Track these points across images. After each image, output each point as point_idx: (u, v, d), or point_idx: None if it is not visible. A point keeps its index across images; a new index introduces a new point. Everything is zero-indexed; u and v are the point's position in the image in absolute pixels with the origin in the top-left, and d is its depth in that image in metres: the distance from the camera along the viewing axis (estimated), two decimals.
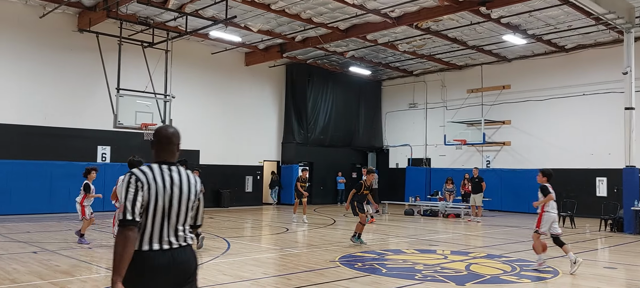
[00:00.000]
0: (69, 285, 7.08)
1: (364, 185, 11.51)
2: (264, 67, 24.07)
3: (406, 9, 16.96)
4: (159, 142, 3.21)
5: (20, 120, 17.13)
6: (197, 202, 3.28)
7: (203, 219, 3.42)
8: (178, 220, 3.10)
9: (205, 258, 9.46)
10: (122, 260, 2.87)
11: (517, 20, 17.73)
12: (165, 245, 3.03)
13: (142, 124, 16.97)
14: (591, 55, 20.54)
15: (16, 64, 17.15)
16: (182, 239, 3.11)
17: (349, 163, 27.31)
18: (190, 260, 3.13)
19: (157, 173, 3.08)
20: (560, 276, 8.32)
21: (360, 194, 11.46)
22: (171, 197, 3.07)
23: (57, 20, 17.81)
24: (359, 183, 11.66)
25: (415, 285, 7.48)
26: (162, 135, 3.22)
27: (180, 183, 3.14)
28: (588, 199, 19.66)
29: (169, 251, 3.03)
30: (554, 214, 9.02)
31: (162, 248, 3.01)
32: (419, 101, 26.50)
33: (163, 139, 3.21)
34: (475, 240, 13.13)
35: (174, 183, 3.11)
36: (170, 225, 3.07)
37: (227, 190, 22.32)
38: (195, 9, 16.88)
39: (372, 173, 11.91)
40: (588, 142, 20.44)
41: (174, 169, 3.17)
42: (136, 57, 18.62)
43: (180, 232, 3.11)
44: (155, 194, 3.02)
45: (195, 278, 3.16)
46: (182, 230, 3.14)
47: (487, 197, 20.93)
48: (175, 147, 3.24)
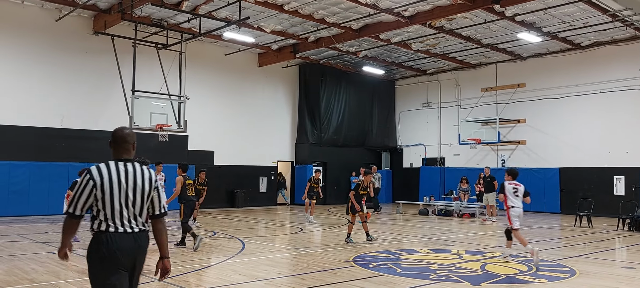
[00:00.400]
0: (86, 284, 7.15)
1: (361, 185, 11.76)
2: (277, 68, 24.14)
3: (419, 8, 16.89)
4: (116, 141, 3.74)
5: (38, 122, 17.38)
6: (153, 193, 3.74)
7: (164, 208, 3.85)
8: (135, 208, 3.63)
9: (220, 258, 9.52)
10: (66, 236, 3.63)
11: (532, 18, 17.55)
12: (128, 228, 3.58)
13: (157, 125, 17.14)
14: (607, 53, 20.27)
15: (33, 67, 17.41)
16: (141, 224, 3.66)
17: (363, 163, 27.17)
18: (146, 244, 3.69)
19: (112, 169, 3.62)
20: (577, 276, 8.22)
21: (358, 195, 11.71)
22: (126, 189, 3.60)
23: (73, 23, 18.04)
24: (357, 184, 11.96)
25: (429, 285, 7.45)
26: (118, 135, 3.74)
27: (135, 176, 3.66)
28: (605, 198, 19.42)
29: (132, 234, 3.58)
30: (519, 209, 9.65)
31: (126, 231, 3.56)
32: (432, 100, 26.37)
33: (119, 139, 3.74)
34: (491, 240, 13.04)
35: (129, 176, 3.63)
36: (130, 211, 3.60)
37: (241, 191, 22.42)
38: (209, 11, 16.99)
39: (370, 174, 12.14)
40: (605, 140, 20.18)
41: (129, 165, 3.70)
42: (151, 58, 18.80)
43: (139, 218, 3.65)
44: (109, 186, 3.55)
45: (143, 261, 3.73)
46: (141, 216, 3.67)
47: None
48: (130, 146, 3.77)
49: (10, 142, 16.89)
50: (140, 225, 3.65)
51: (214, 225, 15.41)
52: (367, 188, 11.99)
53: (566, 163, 21.33)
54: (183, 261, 9.12)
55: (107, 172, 3.60)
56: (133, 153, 3.80)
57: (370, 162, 27.57)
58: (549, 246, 11.91)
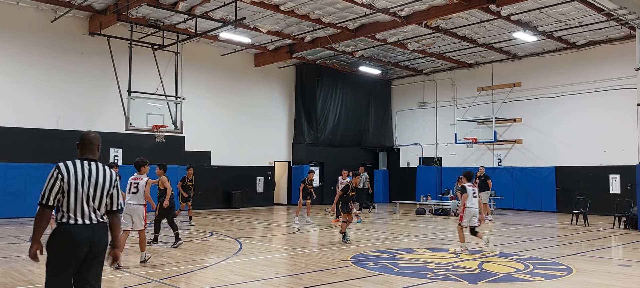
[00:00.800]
0: None
1: (351, 187, 11.94)
2: (274, 68, 24.13)
3: (415, 8, 16.92)
4: (82, 143, 4.23)
5: (34, 123, 17.32)
6: (112, 190, 4.21)
7: (121, 205, 4.32)
8: (95, 203, 4.08)
9: (217, 259, 9.52)
10: (38, 229, 3.97)
11: (528, 17, 17.61)
12: (87, 220, 4.00)
13: (153, 125, 17.09)
14: (603, 52, 20.35)
15: (28, 68, 17.35)
16: (100, 217, 4.10)
17: (359, 163, 27.16)
18: (104, 236, 4.09)
19: (78, 167, 4.09)
20: (574, 274, 8.26)
21: (346, 196, 11.93)
22: (89, 185, 4.06)
23: (68, 24, 17.99)
24: (346, 185, 12.10)
25: (427, 284, 7.47)
26: (85, 138, 4.26)
27: (97, 175, 4.14)
28: (601, 197, 19.50)
29: (90, 225, 4.01)
30: (474, 209, 10.35)
31: (84, 223, 3.99)
32: (429, 100, 26.42)
33: (85, 141, 4.25)
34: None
35: (92, 174, 4.11)
36: (90, 206, 4.04)
37: (238, 191, 22.40)
38: (205, 11, 16.97)
39: (358, 175, 12.38)
40: (600, 139, 20.27)
41: (92, 164, 4.17)
42: (147, 59, 18.77)
43: (98, 212, 4.09)
44: (74, 181, 4.01)
45: (103, 254, 4.11)
46: (100, 210, 4.12)
47: (499, 195, 20.84)
48: (95, 147, 4.26)
49: (6, 144, 16.83)
50: (98, 218, 4.09)
51: (210, 225, 15.40)
52: (356, 189, 12.25)
53: (562, 162, 21.41)
54: (180, 262, 9.11)
55: (73, 169, 4.06)
56: (97, 154, 4.27)
57: (367, 161, 27.68)
58: (545, 244, 11.96)
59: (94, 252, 4.03)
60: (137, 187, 8.92)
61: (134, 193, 8.91)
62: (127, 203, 8.85)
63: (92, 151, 4.25)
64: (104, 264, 4.21)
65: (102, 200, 4.14)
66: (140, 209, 8.89)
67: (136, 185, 8.92)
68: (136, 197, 8.90)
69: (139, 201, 8.91)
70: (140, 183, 8.93)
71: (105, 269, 8.50)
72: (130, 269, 8.37)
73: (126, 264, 8.89)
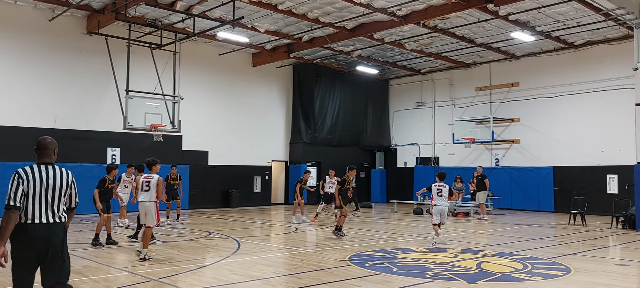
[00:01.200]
0: (81, 285, 7.13)
1: (347, 180, 12.80)
2: (272, 68, 24.11)
3: (413, 8, 16.93)
4: (39, 148, 4.52)
5: (31, 123, 17.25)
6: (69, 191, 4.55)
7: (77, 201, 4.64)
8: (53, 203, 4.37)
9: (215, 258, 9.50)
10: (6, 230, 4.14)
11: (526, 17, 17.63)
12: (44, 219, 4.30)
13: (151, 125, 17.07)
14: (601, 52, 20.39)
15: (26, 67, 17.30)
16: (57, 217, 4.38)
17: (357, 162, 27.22)
18: (61, 234, 4.38)
19: (36, 171, 4.37)
20: (572, 273, 8.27)
21: (344, 189, 12.77)
22: (46, 187, 4.35)
23: (66, 23, 17.94)
24: (343, 179, 12.84)
25: (426, 283, 7.47)
26: (41, 143, 4.54)
27: (54, 177, 4.42)
28: (599, 197, 19.54)
29: (46, 224, 4.31)
30: (441, 207, 11.43)
31: (41, 222, 4.29)
32: (426, 100, 26.43)
33: (42, 146, 4.53)
34: (485, 238, 13.07)
35: (49, 177, 4.39)
36: (48, 206, 4.34)
37: (235, 191, 22.38)
38: (203, 10, 16.94)
39: (353, 169, 13.15)
40: (598, 139, 20.30)
41: (49, 167, 4.46)
42: (145, 58, 18.74)
43: (56, 212, 4.38)
44: (33, 184, 4.30)
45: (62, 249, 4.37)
46: (57, 210, 4.39)
47: (497, 195, 20.86)
48: (51, 152, 4.54)
49: (4, 143, 16.77)
50: (56, 218, 4.38)
51: (209, 225, 15.38)
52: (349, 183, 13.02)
53: (560, 162, 21.44)
54: (179, 261, 9.09)
55: (31, 173, 4.36)
56: (54, 158, 4.57)
57: (364, 161, 27.70)
58: (543, 244, 11.97)
59: (53, 249, 4.31)
60: (149, 185, 9.33)
61: (146, 191, 9.33)
62: (140, 201, 9.35)
63: (48, 155, 4.54)
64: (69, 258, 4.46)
65: (60, 201, 4.45)
66: (152, 206, 9.25)
67: (148, 183, 9.34)
68: (148, 194, 9.31)
69: (151, 198, 9.29)
70: (151, 181, 9.33)
71: (102, 266, 8.53)
72: (129, 268, 8.35)
73: (125, 263, 8.87)
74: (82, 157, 18.14)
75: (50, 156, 4.55)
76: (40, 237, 4.26)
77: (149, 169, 9.53)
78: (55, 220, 4.37)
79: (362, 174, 27.23)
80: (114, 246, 10.72)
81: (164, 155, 19.55)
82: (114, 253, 9.97)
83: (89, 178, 17.77)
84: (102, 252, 10.13)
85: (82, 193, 18.58)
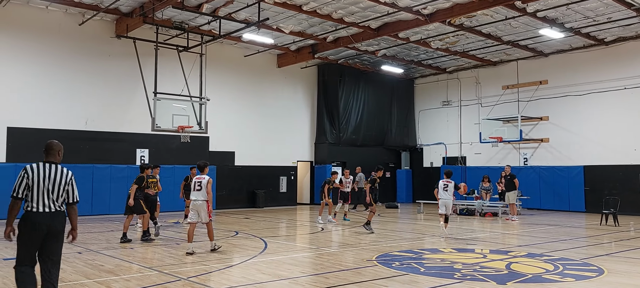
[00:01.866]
0: (113, 283, 7.28)
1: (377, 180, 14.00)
2: (296, 68, 24.20)
3: (438, 6, 16.78)
4: (46, 149, 5.47)
5: (63, 125, 17.70)
6: (67, 187, 5.40)
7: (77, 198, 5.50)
8: (54, 196, 5.28)
9: (243, 258, 9.59)
10: (10, 215, 5.20)
11: (554, 14, 17.31)
12: (46, 208, 5.23)
13: (178, 126, 17.31)
14: (632, 48, 19.89)
15: (57, 70, 17.74)
16: (56, 206, 5.30)
17: (382, 162, 27.16)
18: (61, 222, 5.32)
19: (41, 168, 5.30)
20: (606, 274, 8.08)
21: (374, 187, 13.89)
22: (47, 182, 5.26)
23: (96, 27, 18.34)
24: (373, 178, 14.04)
25: (455, 284, 7.39)
26: (48, 145, 5.49)
27: (55, 174, 5.34)
28: (631, 196, 19.09)
29: (49, 213, 5.23)
30: (445, 200, 12.86)
31: (44, 211, 5.21)
32: (452, 99, 26.17)
33: (48, 147, 5.48)
34: (515, 239, 12.88)
35: (51, 174, 5.31)
36: (49, 198, 5.25)
37: (262, 191, 22.54)
38: (229, 12, 17.11)
39: (381, 169, 14.32)
40: (630, 137, 19.80)
41: (52, 166, 5.38)
42: (172, 61, 19.03)
43: (56, 203, 5.30)
44: (37, 179, 5.23)
45: (62, 236, 5.35)
46: (57, 202, 5.30)
47: (526, 195, 20.52)
48: (56, 153, 5.49)
49: (36, 145, 17.21)
50: (56, 207, 5.29)
51: (236, 225, 15.52)
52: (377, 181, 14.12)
53: (591, 161, 20.98)
54: (207, 260, 9.21)
55: (36, 169, 5.26)
56: (59, 158, 5.49)
57: (389, 161, 27.56)
58: (575, 245, 11.73)
59: (53, 233, 5.24)
60: (201, 185, 9.95)
61: (198, 191, 9.95)
62: (193, 200, 9.98)
63: (53, 155, 5.47)
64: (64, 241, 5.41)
65: (59, 195, 5.32)
66: (204, 204, 9.91)
67: (200, 184, 9.97)
68: (200, 194, 9.93)
69: (203, 197, 9.91)
70: (203, 182, 9.96)
71: (133, 266, 8.70)
72: (159, 267, 8.49)
73: (155, 263, 9.02)
74: (113, 158, 18.53)
75: (54, 156, 5.48)
76: (41, 222, 5.18)
77: (201, 171, 10.22)
78: (57, 209, 5.31)
79: (387, 174, 27.13)
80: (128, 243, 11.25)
81: (191, 156, 19.86)
82: (144, 253, 10.15)
83: (119, 179, 18.22)
84: (132, 251, 10.32)
85: (113, 193, 19.16)
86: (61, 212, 5.34)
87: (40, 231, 5.17)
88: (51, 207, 5.25)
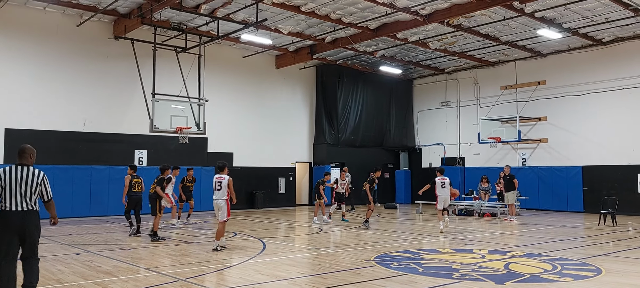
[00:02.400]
0: (111, 284, 7.27)
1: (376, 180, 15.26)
2: (295, 69, 24.20)
3: (437, 6, 16.78)
4: (19, 153, 6.02)
5: (61, 126, 17.69)
6: (39, 187, 5.92)
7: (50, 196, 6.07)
8: (26, 195, 5.80)
9: (241, 258, 9.58)
10: None
11: (552, 14, 17.33)
12: (19, 207, 5.75)
13: (177, 127, 17.30)
14: (630, 48, 19.91)
15: (55, 72, 17.72)
16: (30, 206, 5.83)
17: (381, 163, 27.17)
18: (34, 220, 5.86)
19: (13, 170, 5.83)
20: (604, 274, 8.09)
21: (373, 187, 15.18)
22: (20, 183, 5.79)
23: (94, 29, 18.32)
24: (371, 178, 15.30)
25: (453, 284, 7.39)
26: (20, 149, 6.04)
27: (27, 175, 5.85)
28: (629, 196, 19.11)
29: (21, 212, 5.76)
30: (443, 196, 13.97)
31: (17, 209, 5.75)
32: (451, 99, 26.18)
33: (20, 151, 6.03)
34: (513, 239, 12.88)
35: (23, 175, 5.84)
36: (22, 197, 5.78)
37: (260, 192, 22.53)
38: (227, 13, 17.10)
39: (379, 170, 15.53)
40: (628, 137, 19.82)
41: (25, 168, 5.91)
42: (170, 62, 19.02)
43: (28, 202, 5.82)
44: (9, 180, 5.77)
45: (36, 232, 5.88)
46: (30, 201, 5.83)
47: (524, 195, 20.52)
48: (28, 156, 6.01)
49: (34, 146, 17.03)
50: (29, 206, 5.81)
51: (234, 225, 15.50)
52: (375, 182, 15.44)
53: (589, 161, 21.00)
54: (205, 261, 9.19)
55: (9, 172, 5.81)
56: (31, 160, 6.02)
57: (388, 162, 27.55)
58: (573, 245, 11.73)
59: (28, 231, 5.79)
60: (221, 185, 10.37)
61: (218, 190, 10.37)
62: (214, 199, 10.42)
63: (25, 158, 5.99)
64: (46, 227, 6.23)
65: (31, 194, 5.83)
66: (224, 203, 10.31)
67: (219, 183, 10.40)
68: (220, 193, 10.35)
69: (223, 196, 10.30)
70: (223, 182, 10.37)
71: (131, 267, 8.68)
72: (157, 268, 8.48)
73: (153, 264, 9.00)
74: (111, 160, 18.50)
75: (27, 159, 6.00)
76: (15, 221, 5.71)
77: (221, 171, 10.58)
78: (29, 208, 5.83)
79: (386, 175, 27.14)
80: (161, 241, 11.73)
81: (190, 157, 19.86)
82: (143, 254, 10.13)
83: (117, 180, 18.19)
84: (130, 253, 10.30)
85: (111, 195, 19.19)
86: (34, 211, 5.87)
87: (14, 227, 5.71)
88: (24, 207, 5.78)
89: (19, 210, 5.72)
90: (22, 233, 5.74)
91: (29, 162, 5.96)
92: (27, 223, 5.75)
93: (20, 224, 5.71)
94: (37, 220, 5.89)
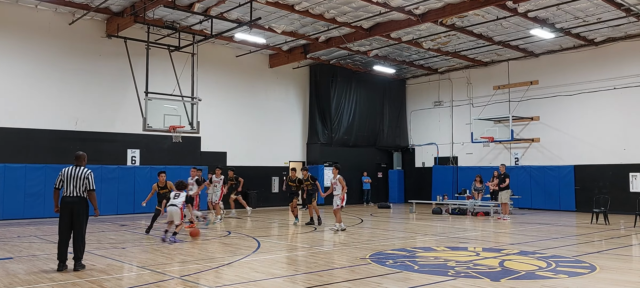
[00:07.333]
0: (105, 282, 7.21)
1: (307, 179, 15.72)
2: (288, 69, 24.17)
3: (430, 6, 16.83)
4: (75, 157, 8.27)
5: (53, 125, 17.55)
6: (85, 180, 8.09)
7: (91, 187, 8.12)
8: (76, 186, 8.03)
9: (237, 257, 9.54)
10: (54, 199, 8.18)
11: (545, 14, 17.43)
12: (73, 194, 8.03)
13: (170, 126, 17.20)
14: (621, 48, 20.07)
15: (48, 70, 17.58)
16: (79, 193, 8.04)
17: (374, 163, 27.23)
18: (82, 204, 8.07)
19: (69, 169, 8.12)
20: (598, 271, 8.14)
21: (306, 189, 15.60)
22: (72, 177, 8.06)
23: (86, 27, 18.20)
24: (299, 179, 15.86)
25: (449, 281, 7.40)
26: (76, 155, 8.30)
27: (77, 173, 8.08)
28: (621, 195, 19.24)
29: (76, 197, 8.03)
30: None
31: (72, 195, 8.03)
32: (444, 99, 26.26)
33: (76, 157, 8.27)
34: (507, 237, 12.93)
35: (75, 172, 8.09)
36: (74, 187, 8.03)
37: (254, 191, 22.45)
38: (220, 12, 17.05)
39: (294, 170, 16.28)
40: (620, 137, 19.98)
41: (78, 168, 8.14)
42: (163, 61, 18.93)
43: (78, 191, 8.03)
44: (67, 176, 8.08)
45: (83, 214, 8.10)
46: (79, 190, 8.04)
47: (517, 194, 20.61)
48: (81, 159, 8.24)
49: (26, 145, 17.06)
50: (79, 194, 8.03)
51: (228, 225, 15.44)
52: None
53: (581, 160, 21.14)
54: (201, 259, 9.15)
55: (67, 170, 8.10)
56: (83, 163, 8.21)
57: (381, 161, 27.59)
58: (566, 243, 11.80)
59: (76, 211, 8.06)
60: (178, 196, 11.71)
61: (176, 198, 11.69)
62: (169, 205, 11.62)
63: (79, 161, 8.22)
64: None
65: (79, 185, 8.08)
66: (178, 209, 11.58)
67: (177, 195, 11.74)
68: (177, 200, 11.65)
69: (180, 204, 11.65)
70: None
71: (125, 265, 8.63)
72: (151, 266, 8.43)
73: (148, 262, 8.95)
74: (103, 159, 18.36)
75: (80, 161, 8.22)
76: (69, 203, 7.99)
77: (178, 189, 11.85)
78: (79, 195, 8.03)
79: (379, 174, 27.17)
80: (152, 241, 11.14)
81: (183, 157, 19.76)
82: (137, 253, 10.07)
83: (110, 180, 18.09)
84: (123, 251, 10.23)
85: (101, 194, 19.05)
86: (83, 197, 8.06)
87: (68, 210, 7.99)
88: (75, 193, 8.01)
89: (73, 196, 7.98)
90: (72, 212, 7.95)
91: (81, 163, 8.19)
92: (76, 205, 7.97)
93: (71, 206, 7.96)
94: (84, 205, 8.05)
